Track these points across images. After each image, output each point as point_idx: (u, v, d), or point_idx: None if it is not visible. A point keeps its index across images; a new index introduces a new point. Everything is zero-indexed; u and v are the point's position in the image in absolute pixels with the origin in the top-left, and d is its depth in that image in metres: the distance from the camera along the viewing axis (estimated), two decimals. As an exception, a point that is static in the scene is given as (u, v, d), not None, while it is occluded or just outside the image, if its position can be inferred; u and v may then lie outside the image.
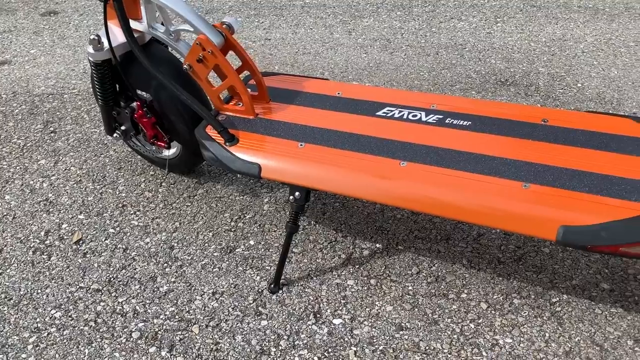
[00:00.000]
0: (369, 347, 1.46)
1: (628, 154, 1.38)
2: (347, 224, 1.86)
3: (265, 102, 1.76)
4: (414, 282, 1.64)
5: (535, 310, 1.53)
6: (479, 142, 1.49)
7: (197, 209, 1.95)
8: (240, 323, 1.54)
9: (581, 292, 1.58)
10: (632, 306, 1.53)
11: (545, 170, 1.37)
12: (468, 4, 3.48)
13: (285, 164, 1.54)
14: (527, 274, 1.64)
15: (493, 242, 1.75)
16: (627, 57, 2.78)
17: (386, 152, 1.51)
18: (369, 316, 1.54)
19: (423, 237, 1.79)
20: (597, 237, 1.22)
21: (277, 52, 3.02)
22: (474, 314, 1.53)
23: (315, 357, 1.44)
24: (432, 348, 1.45)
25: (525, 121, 1.53)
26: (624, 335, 1.45)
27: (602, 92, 2.50)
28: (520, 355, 1.42)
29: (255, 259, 1.74)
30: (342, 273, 1.68)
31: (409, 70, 2.78)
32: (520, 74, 2.69)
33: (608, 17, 3.22)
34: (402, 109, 1.65)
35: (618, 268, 1.64)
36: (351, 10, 3.48)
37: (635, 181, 1.30)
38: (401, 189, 1.41)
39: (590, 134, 1.45)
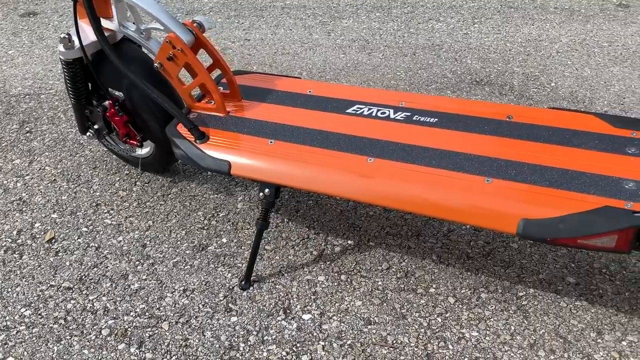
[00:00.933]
0: (337, 342, 1.47)
1: (589, 149, 1.41)
2: (319, 221, 1.87)
3: (237, 100, 1.77)
4: (384, 277, 1.65)
5: (502, 304, 1.55)
6: (444, 138, 1.52)
7: (170, 208, 1.95)
8: (210, 319, 1.55)
9: (547, 286, 1.60)
10: (596, 299, 1.56)
11: (508, 165, 1.39)
12: (447, 6, 3.51)
13: (255, 161, 1.55)
14: (495, 269, 1.66)
15: (463, 237, 1.78)
16: (600, 57, 2.82)
17: (354, 149, 1.52)
18: (338, 311, 1.55)
19: (394, 234, 1.81)
20: (556, 229, 1.24)
21: (256, 53, 3.03)
22: (441, 308, 1.55)
23: (284, 352, 1.45)
24: (399, 342, 1.46)
25: (491, 118, 1.56)
26: (588, 327, 1.48)
27: (574, 91, 2.53)
28: (485, 348, 1.44)
29: (227, 257, 1.74)
30: (313, 269, 1.69)
31: (386, 70, 2.80)
32: (495, 73, 2.72)
33: (583, 18, 3.27)
34: (372, 106, 1.67)
35: (584, 262, 1.67)
36: (331, 12, 3.50)
37: (595, 175, 1.33)
38: (367, 185, 1.43)
39: (553, 130, 1.48)
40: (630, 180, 1.30)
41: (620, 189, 1.28)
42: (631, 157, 1.36)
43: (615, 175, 1.32)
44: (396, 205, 1.40)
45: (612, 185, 1.29)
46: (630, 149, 1.38)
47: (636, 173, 1.31)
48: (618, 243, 1.22)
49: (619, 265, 1.65)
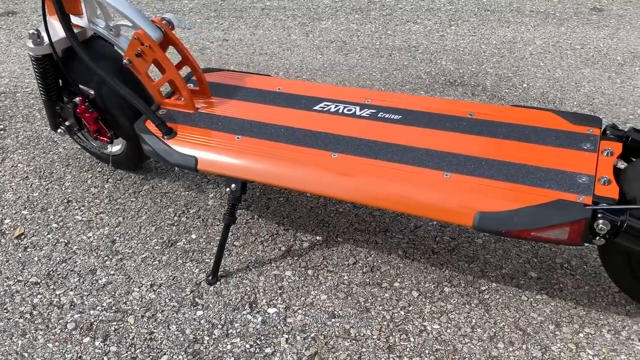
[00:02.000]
0: (301, 335, 1.49)
1: (546, 145, 1.44)
2: (289, 217, 1.89)
3: (206, 97, 1.79)
4: (350, 272, 1.67)
5: (464, 298, 1.58)
6: (407, 134, 1.54)
7: (141, 204, 1.96)
8: (176, 313, 1.56)
9: (510, 281, 1.63)
10: (556, 293, 1.59)
11: (467, 161, 1.42)
12: (424, 8, 3.56)
13: (222, 156, 1.57)
14: (460, 264, 1.69)
15: (429, 233, 1.80)
16: (572, 59, 2.87)
17: (319, 145, 1.55)
18: (303, 305, 1.57)
19: (362, 230, 1.83)
20: (510, 222, 1.27)
21: (234, 53, 3.05)
22: (405, 301, 1.58)
23: (247, 345, 1.47)
24: (361, 334, 1.48)
25: (453, 115, 1.58)
26: (547, 320, 1.51)
27: (546, 92, 2.58)
28: (446, 340, 1.47)
29: (195, 252, 1.76)
30: (280, 264, 1.71)
31: (362, 71, 2.83)
32: (469, 74, 2.76)
33: (558, 21, 3.32)
34: (339, 104, 1.70)
35: (547, 257, 1.70)
36: (310, 13, 3.53)
37: (550, 170, 1.36)
38: (331, 179, 1.45)
39: (512, 126, 1.51)
40: (583, 175, 1.33)
41: (573, 183, 1.31)
42: (586, 153, 1.39)
43: (570, 170, 1.35)
44: (358, 199, 1.43)
45: (566, 180, 1.32)
46: (586, 145, 1.42)
47: (590, 168, 1.35)
48: (570, 235, 1.26)
49: (580, 260, 1.69)
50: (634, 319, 1.50)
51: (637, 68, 2.77)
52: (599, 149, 1.40)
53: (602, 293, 1.58)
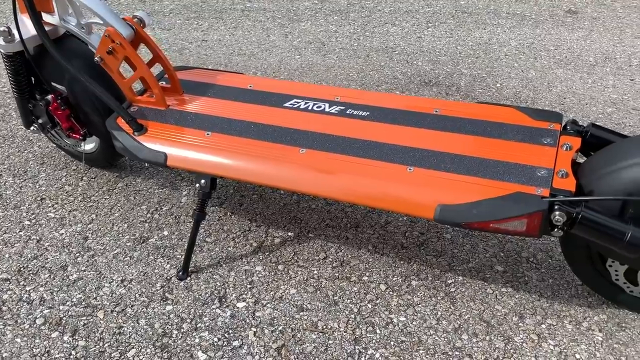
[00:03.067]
0: (269, 328, 1.50)
1: (508, 139, 1.47)
2: (262, 214, 1.91)
3: (178, 94, 1.81)
4: (320, 266, 1.69)
5: (431, 291, 1.61)
6: (374, 130, 1.57)
7: (115, 202, 1.97)
8: (146, 308, 1.57)
9: (476, 274, 1.66)
10: (521, 286, 1.62)
11: (430, 155, 1.45)
12: (403, 10, 3.60)
13: (191, 152, 1.58)
14: (428, 258, 1.72)
15: (399, 228, 1.83)
16: (546, 60, 2.92)
17: (288, 140, 1.57)
18: (272, 299, 1.59)
19: (334, 226, 1.85)
20: (469, 214, 1.30)
21: (212, 53, 3.06)
22: (372, 294, 1.60)
23: (215, 338, 1.48)
24: (329, 327, 1.51)
25: (419, 111, 1.62)
26: (511, 312, 1.54)
27: (518, 92, 2.62)
28: (411, 332, 1.49)
29: (167, 249, 1.77)
30: (251, 260, 1.72)
31: (339, 71, 2.86)
32: (444, 75, 2.80)
33: (533, 23, 3.38)
34: (308, 100, 1.72)
35: (513, 252, 1.73)
36: (290, 15, 3.56)
37: (510, 164, 1.39)
38: (298, 174, 1.47)
39: (476, 122, 1.55)
40: (543, 168, 1.36)
41: (532, 176, 1.35)
42: (546, 147, 1.43)
43: (530, 163, 1.38)
44: (324, 193, 1.45)
45: (526, 173, 1.36)
46: (546, 140, 1.45)
47: (549, 161, 1.38)
48: (528, 227, 1.29)
49: (545, 254, 1.72)
50: (595, 311, 1.53)
51: (608, 69, 2.82)
52: (559, 143, 1.44)
53: (565, 286, 1.62)
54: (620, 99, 2.56)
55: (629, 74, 2.76)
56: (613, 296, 1.49)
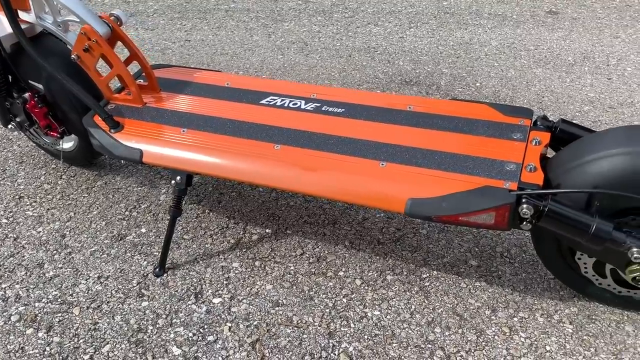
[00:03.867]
0: (244, 323, 1.51)
1: (479, 135, 1.50)
2: (240, 211, 1.92)
3: (155, 92, 1.81)
4: (297, 262, 1.71)
5: (406, 285, 1.62)
6: (349, 126, 1.59)
7: (93, 200, 1.97)
8: (122, 304, 1.57)
9: (450, 269, 1.68)
10: (495, 280, 1.64)
11: (403, 151, 1.47)
12: (386, 11, 3.62)
13: (167, 149, 1.59)
14: (403, 253, 1.73)
15: (376, 224, 1.85)
16: (526, 60, 2.96)
17: (263, 137, 1.58)
18: (248, 295, 1.60)
19: (311, 222, 1.87)
20: (439, 207, 1.32)
21: (195, 53, 3.07)
22: (348, 289, 1.61)
23: (190, 334, 1.49)
24: (303, 321, 1.52)
25: (393, 108, 1.63)
26: (484, 305, 1.56)
27: (497, 91, 2.65)
28: (385, 326, 1.51)
29: (144, 246, 1.77)
30: (228, 256, 1.73)
31: (321, 70, 2.88)
32: (424, 74, 2.82)
33: (514, 23, 3.41)
34: (285, 97, 1.74)
35: (487, 247, 1.76)
36: (274, 15, 3.57)
37: (480, 158, 1.41)
38: (272, 170, 1.49)
39: (448, 118, 1.57)
40: (512, 163, 1.39)
41: (501, 170, 1.37)
42: (516, 142, 1.45)
43: (499, 158, 1.40)
44: (298, 188, 1.46)
45: (495, 167, 1.38)
46: (516, 135, 1.48)
47: (518, 156, 1.40)
48: (496, 220, 1.31)
49: (519, 249, 1.75)
50: (566, 304, 1.56)
51: (586, 68, 2.86)
52: (528, 138, 1.46)
53: (538, 280, 1.64)
54: (597, 98, 2.59)
55: (607, 73, 2.80)
56: (583, 289, 1.52)
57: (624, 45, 3.10)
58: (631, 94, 2.61)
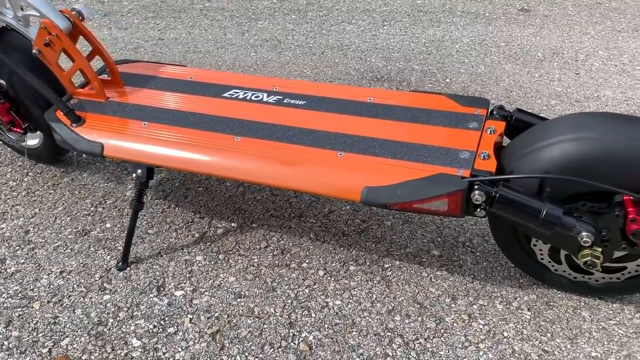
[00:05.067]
0: (205, 314, 1.52)
1: (435, 125, 1.51)
2: (206, 206, 1.92)
3: (119, 87, 1.81)
4: (261, 255, 1.71)
5: (368, 275, 1.64)
6: (309, 118, 1.60)
7: (59, 196, 1.96)
8: (83, 298, 1.57)
9: (413, 259, 1.69)
10: (456, 269, 1.66)
11: (360, 141, 1.48)
12: (360, 9, 3.65)
13: (127, 142, 1.59)
14: (367, 244, 1.75)
15: (341, 217, 1.86)
16: (496, 56, 2.99)
17: (223, 129, 1.59)
18: (211, 287, 1.60)
19: (277, 216, 1.87)
20: (393, 195, 1.34)
21: (167, 51, 3.07)
22: (310, 280, 1.62)
23: (151, 326, 1.49)
24: (265, 312, 1.52)
25: (354, 100, 1.65)
26: (444, 294, 1.58)
27: (467, 86, 2.68)
28: (346, 314, 1.52)
29: (108, 241, 1.77)
30: (192, 250, 1.73)
31: (293, 67, 2.89)
32: (395, 71, 2.85)
33: (486, 21, 3.45)
34: (247, 91, 1.75)
35: (450, 237, 1.78)
36: (248, 14, 3.58)
37: (435, 147, 1.43)
38: (232, 161, 1.49)
39: (407, 109, 1.58)
40: (466, 151, 1.41)
41: (455, 158, 1.39)
42: (471, 131, 1.47)
43: (454, 146, 1.42)
44: (257, 179, 1.47)
45: (449, 156, 1.40)
46: (472, 124, 1.50)
47: (472, 145, 1.42)
48: (449, 206, 1.32)
49: (481, 239, 1.77)
50: (526, 291, 1.58)
51: (555, 63, 2.90)
52: (484, 127, 1.48)
53: (499, 268, 1.66)
54: (564, 92, 2.63)
55: (575, 69, 2.84)
56: (541, 276, 1.54)
57: (592, 41, 3.15)
58: (597, 88, 2.66)
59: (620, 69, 2.83)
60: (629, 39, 3.16)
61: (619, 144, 1.24)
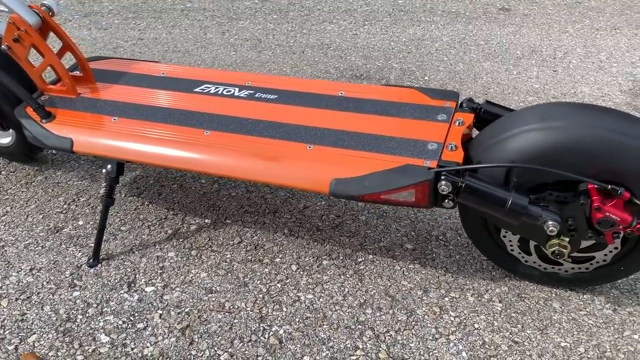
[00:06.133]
0: (175, 310, 1.51)
1: (405, 117, 1.52)
2: (180, 203, 1.91)
3: (91, 83, 1.80)
4: (234, 251, 1.70)
5: (341, 269, 1.63)
6: (280, 112, 1.59)
7: (32, 194, 1.95)
8: (52, 295, 1.55)
9: (386, 252, 1.69)
10: (429, 262, 1.66)
11: (330, 134, 1.48)
12: (342, 9, 3.65)
13: (97, 137, 1.58)
14: (341, 239, 1.74)
15: (316, 212, 1.86)
16: (475, 54, 3.01)
17: (193, 123, 1.58)
18: (182, 283, 1.59)
19: (252, 212, 1.87)
20: (361, 186, 1.33)
21: (147, 51, 3.06)
22: (283, 275, 1.61)
23: (120, 321, 1.47)
24: (235, 307, 1.51)
25: (326, 94, 1.65)
26: (416, 287, 1.58)
27: (445, 84, 2.69)
28: (317, 308, 1.51)
29: (80, 238, 1.75)
30: (165, 246, 1.72)
31: (273, 66, 2.89)
32: (375, 69, 2.85)
33: (467, 20, 3.47)
34: (219, 85, 1.74)
35: (424, 231, 1.78)
36: (230, 14, 3.58)
37: (404, 139, 1.43)
38: (201, 155, 1.48)
39: (377, 102, 1.59)
40: (434, 142, 1.41)
41: (423, 150, 1.39)
42: (439, 123, 1.48)
43: (422, 138, 1.42)
44: (227, 172, 1.46)
45: (417, 147, 1.40)
46: (441, 116, 1.50)
47: (440, 136, 1.43)
48: (417, 197, 1.33)
49: (455, 233, 1.77)
50: (497, 283, 1.58)
51: (533, 61, 2.92)
52: (452, 119, 1.48)
53: (471, 261, 1.66)
54: (542, 89, 2.65)
55: (553, 66, 2.86)
56: (512, 267, 1.54)
57: (571, 39, 3.17)
58: (574, 85, 2.68)
59: (597, 66, 2.85)
60: (607, 37, 3.18)
61: (583, 132, 1.25)
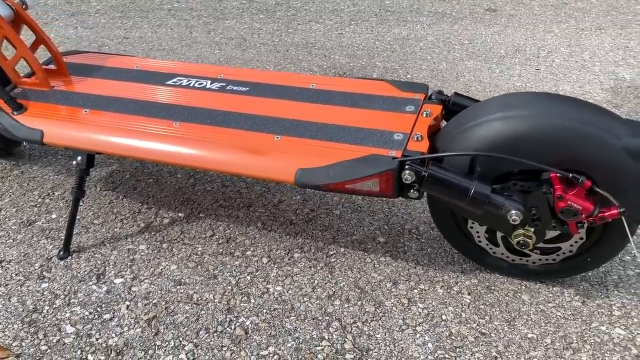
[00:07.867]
0: (143, 301, 1.50)
1: (374, 109, 1.52)
2: (155, 197, 1.91)
3: (64, 76, 1.80)
4: (205, 244, 1.70)
5: (311, 262, 1.63)
6: (250, 104, 1.60)
7: (7, 189, 1.94)
8: (20, 287, 1.55)
9: (358, 245, 1.69)
10: (400, 255, 1.66)
11: (298, 125, 1.48)
12: (329, 9, 3.67)
13: (67, 129, 1.58)
14: (314, 232, 1.74)
15: (290, 206, 1.85)
16: (459, 53, 3.01)
17: (163, 115, 1.58)
18: (151, 275, 1.59)
19: (226, 206, 1.86)
20: (326, 176, 1.33)
21: (131, 49, 3.06)
22: (253, 267, 1.61)
23: (87, 312, 1.47)
24: (203, 299, 1.51)
25: (296, 86, 1.65)
26: (386, 279, 1.57)
27: (427, 82, 2.69)
28: (285, 300, 1.51)
29: (52, 231, 1.75)
30: (136, 239, 1.72)
31: (256, 64, 2.89)
32: (358, 67, 2.86)
33: (453, 20, 3.48)
34: (191, 78, 1.74)
35: (397, 224, 1.77)
36: (216, 13, 3.59)
37: (371, 130, 1.43)
38: (169, 146, 1.48)
39: (347, 94, 1.59)
40: (400, 133, 1.41)
41: (389, 140, 1.39)
42: (407, 115, 1.48)
43: (389, 129, 1.42)
44: (195, 163, 1.46)
45: (384, 138, 1.40)
46: (409, 108, 1.50)
47: (407, 127, 1.43)
48: (381, 186, 1.32)
49: (428, 226, 1.77)
50: (467, 276, 1.58)
51: (516, 60, 2.92)
52: (420, 110, 1.48)
53: (443, 254, 1.66)
54: (523, 87, 2.65)
55: (535, 64, 2.87)
56: (481, 260, 1.54)
57: (556, 39, 3.18)
58: (557, 83, 2.68)
59: (580, 65, 2.86)
60: (592, 37, 3.19)
61: (545, 121, 1.25)
